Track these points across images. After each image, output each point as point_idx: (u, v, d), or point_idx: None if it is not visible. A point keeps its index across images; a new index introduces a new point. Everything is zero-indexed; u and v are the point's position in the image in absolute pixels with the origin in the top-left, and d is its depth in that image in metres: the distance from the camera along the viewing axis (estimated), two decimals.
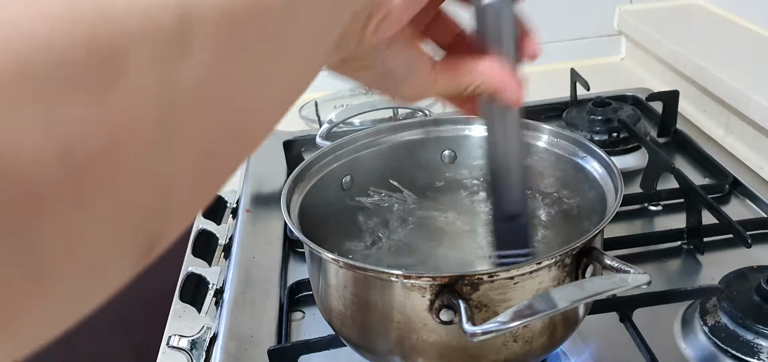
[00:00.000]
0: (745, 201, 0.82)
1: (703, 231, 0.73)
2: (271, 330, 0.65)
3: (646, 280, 0.45)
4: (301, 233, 0.53)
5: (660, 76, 1.16)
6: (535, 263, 0.47)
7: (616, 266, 0.47)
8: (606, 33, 1.28)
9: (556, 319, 0.50)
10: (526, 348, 0.50)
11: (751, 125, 0.91)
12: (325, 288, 0.54)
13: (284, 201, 0.55)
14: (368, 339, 0.52)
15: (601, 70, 1.24)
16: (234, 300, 0.69)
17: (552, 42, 1.27)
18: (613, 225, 0.75)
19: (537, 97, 1.10)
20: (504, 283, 0.47)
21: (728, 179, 0.84)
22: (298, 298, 0.71)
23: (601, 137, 0.93)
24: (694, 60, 1.02)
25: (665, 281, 0.71)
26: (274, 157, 0.95)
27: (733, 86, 0.93)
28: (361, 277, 0.50)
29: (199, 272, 0.71)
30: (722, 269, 0.67)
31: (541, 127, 0.64)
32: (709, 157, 0.88)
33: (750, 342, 0.59)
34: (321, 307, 0.56)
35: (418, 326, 0.48)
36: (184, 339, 0.65)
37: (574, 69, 1.05)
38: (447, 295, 0.46)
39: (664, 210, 0.81)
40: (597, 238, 0.50)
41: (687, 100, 1.05)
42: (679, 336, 0.63)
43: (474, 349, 0.49)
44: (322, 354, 0.62)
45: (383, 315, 0.49)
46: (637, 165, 0.90)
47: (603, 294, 0.45)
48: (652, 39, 1.16)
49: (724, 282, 0.64)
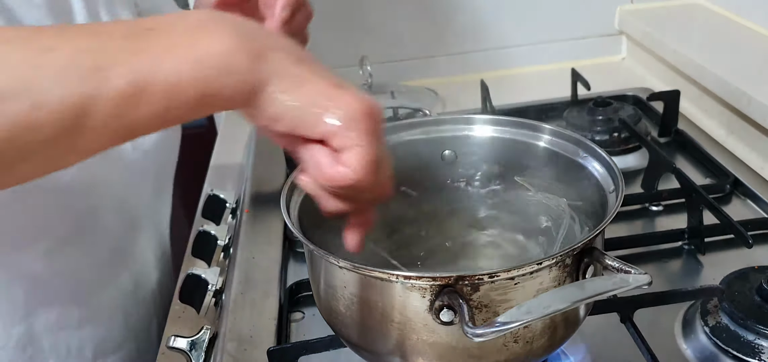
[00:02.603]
0: (746, 202, 0.82)
1: (704, 231, 0.73)
2: (270, 330, 0.65)
3: (647, 280, 0.45)
4: (301, 233, 0.53)
5: (661, 76, 1.16)
6: (535, 263, 0.47)
7: (616, 266, 0.46)
8: (607, 33, 1.28)
9: (557, 320, 0.50)
10: (527, 348, 0.50)
11: (752, 125, 0.91)
12: (324, 288, 0.54)
13: (284, 202, 0.55)
14: (368, 339, 0.52)
15: (601, 70, 1.24)
16: (233, 300, 0.69)
17: (553, 42, 1.27)
18: (613, 226, 0.75)
19: (538, 97, 1.10)
20: (504, 284, 0.46)
21: (729, 179, 0.84)
22: (297, 298, 0.71)
23: (601, 137, 0.93)
24: (695, 60, 1.02)
25: (666, 281, 0.71)
26: (274, 157, 0.95)
27: (734, 86, 0.92)
28: (361, 278, 0.50)
29: (199, 273, 0.71)
30: (723, 269, 0.67)
31: (542, 127, 0.63)
32: (710, 156, 0.88)
33: (751, 343, 0.59)
34: (321, 308, 0.56)
35: (418, 327, 0.48)
36: (184, 339, 0.65)
37: (575, 69, 1.05)
38: (447, 296, 0.46)
39: (665, 211, 0.81)
40: (598, 238, 0.50)
41: (688, 100, 1.05)
42: (680, 337, 0.63)
43: (474, 350, 0.49)
44: (322, 355, 0.62)
45: (383, 315, 0.49)
46: (638, 165, 0.90)
47: (604, 294, 0.45)
48: (653, 39, 1.15)
49: (725, 282, 0.64)
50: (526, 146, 0.64)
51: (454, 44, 1.26)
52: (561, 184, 0.63)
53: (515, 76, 1.27)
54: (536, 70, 1.27)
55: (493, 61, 1.26)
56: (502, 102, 1.05)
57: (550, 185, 0.64)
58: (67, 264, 0.71)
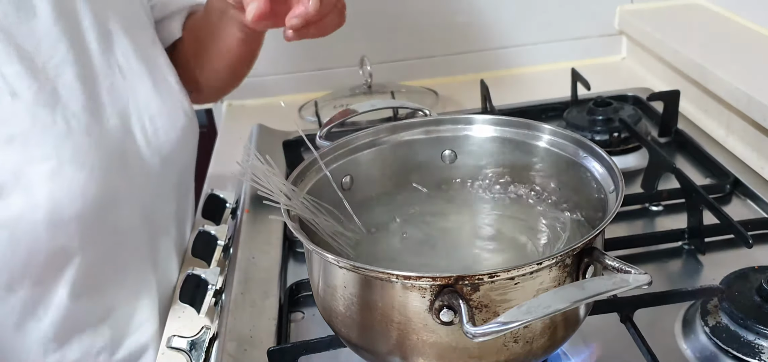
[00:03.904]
0: (746, 202, 0.82)
1: (704, 231, 0.73)
2: (270, 330, 0.65)
3: (647, 280, 0.45)
4: (301, 233, 0.53)
5: (661, 76, 1.16)
6: (535, 263, 0.47)
7: (616, 266, 0.46)
8: (607, 33, 1.28)
9: (557, 320, 0.50)
10: (527, 348, 0.50)
11: (752, 125, 0.91)
12: (324, 288, 0.54)
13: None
14: (368, 339, 0.52)
15: (601, 70, 1.24)
16: (233, 300, 0.69)
17: (553, 42, 1.27)
18: (613, 226, 0.75)
19: (538, 97, 1.10)
20: (504, 284, 0.46)
21: (729, 179, 0.84)
22: (297, 299, 0.71)
23: (602, 137, 0.93)
24: (695, 60, 1.02)
25: (666, 281, 0.71)
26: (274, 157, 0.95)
27: (734, 86, 0.92)
28: (361, 278, 0.50)
29: (199, 272, 0.71)
30: (723, 269, 0.67)
31: (542, 127, 0.63)
32: (710, 156, 0.88)
33: (751, 343, 0.59)
34: (321, 308, 0.56)
35: (418, 327, 0.48)
36: (184, 339, 0.65)
37: (575, 69, 1.05)
38: (447, 296, 0.46)
39: (665, 211, 0.81)
40: (598, 238, 0.50)
41: (688, 100, 1.05)
42: (680, 337, 0.63)
43: (474, 350, 0.49)
44: (321, 355, 0.62)
45: (383, 315, 0.49)
46: (638, 165, 0.90)
47: (604, 294, 0.45)
48: (653, 39, 1.15)
49: (725, 282, 0.64)
50: (526, 146, 0.64)
51: (454, 44, 1.26)
52: (561, 184, 0.63)
53: (515, 76, 1.27)
54: (536, 70, 1.27)
55: (493, 61, 1.26)
56: (502, 102, 1.05)
57: (550, 185, 0.64)
58: (96, 288, 0.70)
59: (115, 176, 0.69)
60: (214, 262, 0.78)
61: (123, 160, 0.70)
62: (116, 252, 0.71)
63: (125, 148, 0.71)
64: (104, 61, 0.71)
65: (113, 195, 0.68)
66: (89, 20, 0.71)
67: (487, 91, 1.02)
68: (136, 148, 0.73)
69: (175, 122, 0.77)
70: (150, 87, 0.75)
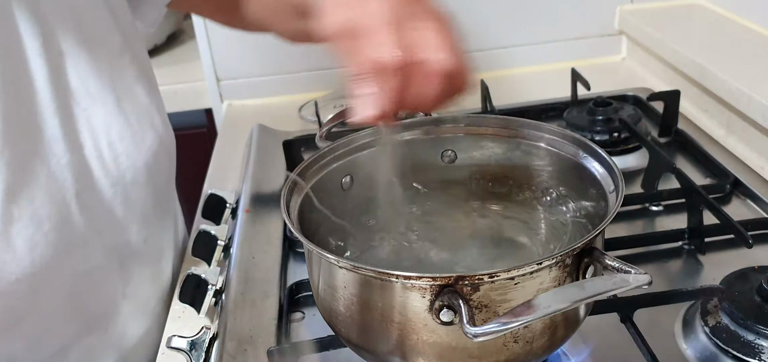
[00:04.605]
0: (746, 202, 0.82)
1: (704, 231, 0.73)
2: (270, 330, 0.65)
3: (647, 280, 0.45)
4: (301, 233, 0.53)
5: (661, 76, 1.16)
6: (535, 263, 0.47)
7: (616, 266, 0.46)
8: (607, 32, 1.28)
9: (557, 320, 0.50)
10: (527, 348, 0.50)
11: (753, 125, 0.91)
12: (324, 288, 0.54)
13: (284, 202, 0.55)
14: (368, 339, 0.52)
15: (601, 70, 1.24)
16: (233, 300, 0.69)
17: (552, 42, 1.27)
18: (614, 226, 0.75)
19: (538, 97, 1.10)
20: (504, 284, 0.46)
21: (729, 179, 0.84)
22: (297, 299, 0.71)
23: (601, 137, 0.93)
24: (695, 60, 1.02)
25: (666, 281, 0.71)
26: (274, 157, 0.95)
27: (734, 86, 0.92)
28: (361, 278, 0.50)
29: (199, 272, 0.71)
30: (723, 269, 0.67)
31: (542, 127, 0.63)
32: (710, 156, 0.88)
33: (751, 343, 0.59)
34: (321, 308, 0.56)
35: (418, 327, 0.48)
36: (184, 339, 0.65)
37: (575, 69, 1.05)
38: (447, 296, 0.46)
39: (665, 211, 0.81)
40: (598, 238, 0.50)
41: (688, 100, 1.05)
42: (680, 337, 0.63)
43: (474, 350, 0.49)
44: (321, 355, 0.62)
45: (383, 315, 0.49)
46: (638, 165, 0.90)
47: (604, 294, 0.45)
48: (653, 38, 1.15)
49: (725, 282, 0.64)
50: (526, 146, 0.64)
51: None
52: (561, 185, 0.63)
53: (515, 76, 1.27)
54: (536, 70, 1.27)
55: (493, 61, 1.26)
56: (502, 102, 1.05)
57: (550, 186, 0.64)
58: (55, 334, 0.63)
59: (70, 222, 0.60)
60: (214, 262, 0.78)
61: (79, 200, 0.60)
62: (78, 297, 0.63)
63: (79, 187, 0.60)
64: (52, 90, 0.59)
65: (67, 243, 0.59)
66: (37, 44, 0.58)
67: (487, 91, 1.02)
68: (92, 182, 0.62)
69: (141, 144, 0.66)
70: (112, 106, 0.64)
